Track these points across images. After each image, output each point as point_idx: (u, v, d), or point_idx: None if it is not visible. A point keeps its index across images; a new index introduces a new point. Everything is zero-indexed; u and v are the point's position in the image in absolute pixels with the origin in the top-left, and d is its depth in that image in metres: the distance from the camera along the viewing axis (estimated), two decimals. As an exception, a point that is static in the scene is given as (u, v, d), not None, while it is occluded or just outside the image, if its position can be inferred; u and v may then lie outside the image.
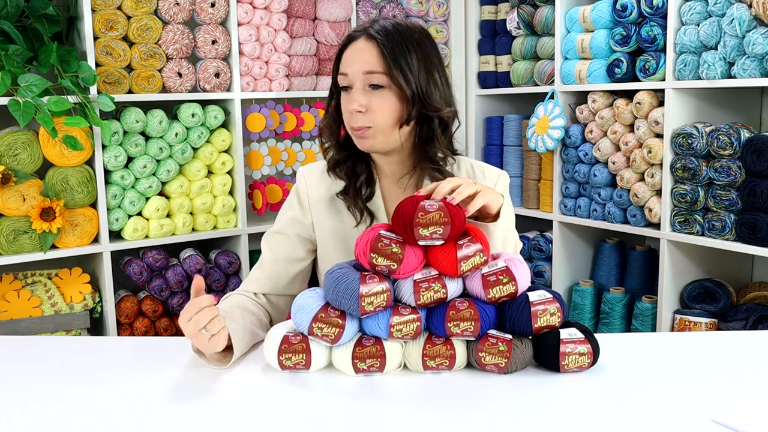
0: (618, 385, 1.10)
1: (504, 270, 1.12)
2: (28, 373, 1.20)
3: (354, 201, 1.42)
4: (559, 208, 2.77)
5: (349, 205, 1.42)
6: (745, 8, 2.06)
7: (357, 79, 1.34)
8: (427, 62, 1.36)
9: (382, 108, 1.34)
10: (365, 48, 1.34)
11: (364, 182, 1.43)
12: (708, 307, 2.36)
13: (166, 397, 1.09)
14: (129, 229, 2.39)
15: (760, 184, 2.06)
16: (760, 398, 1.04)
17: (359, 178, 1.43)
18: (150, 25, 2.34)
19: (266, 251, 1.49)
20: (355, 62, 1.34)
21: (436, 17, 3.04)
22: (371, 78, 1.33)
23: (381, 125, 1.35)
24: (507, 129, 3.01)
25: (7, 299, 2.22)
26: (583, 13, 2.57)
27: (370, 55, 1.33)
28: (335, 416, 1.01)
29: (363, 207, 1.42)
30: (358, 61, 1.34)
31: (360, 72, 1.33)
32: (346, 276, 1.10)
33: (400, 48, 1.34)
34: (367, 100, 1.33)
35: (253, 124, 2.59)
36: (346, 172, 1.44)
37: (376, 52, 1.33)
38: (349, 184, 1.44)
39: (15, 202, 2.17)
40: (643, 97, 2.37)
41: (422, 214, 1.09)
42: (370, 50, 1.34)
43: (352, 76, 1.34)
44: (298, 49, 2.66)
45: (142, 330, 2.46)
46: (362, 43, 1.35)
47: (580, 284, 2.76)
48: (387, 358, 1.12)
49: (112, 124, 2.28)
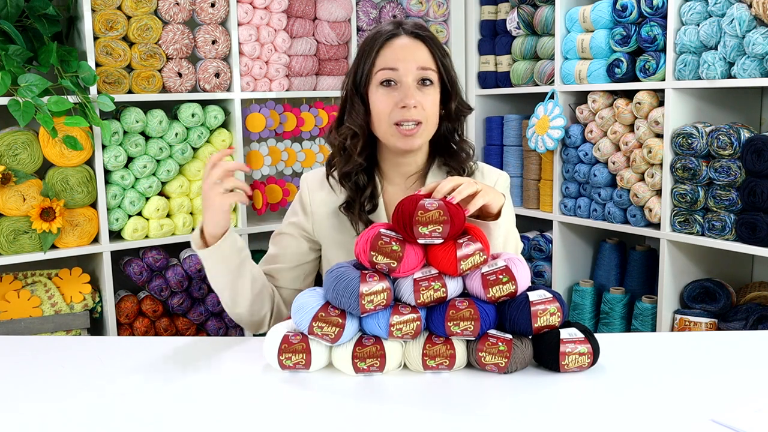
0: (618, 385, 1.10)
1: (504, 269, 1.12)
2: (28, 373, 1.20)
3: (358, 216, 1.41)
4: (559, 208, 2.77)
5: (353, 221, 1.42)
6: (745, 8, 2.06)
7: (409, 74, 1.34)
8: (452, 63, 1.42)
9: (431, 104, 1.36)
10: (414, 44, 1.36)
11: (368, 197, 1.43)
12: (708, 307, 2.36)
13: (165, 397, 1.09)
14: (129, 229, 2.39)
15: (760, 184, 2.06)
16: (760, 398, 1.04)
17: (364, 192, 1.43)
18: (150, 25, 2.34)
19: (272, 248, 1.51)
20: (406, 58, 1.34)
21: (436, 17, 3.04)
22: (424, 74, 1.35)
23: (429, 122, 1.37)
24: (507, 129, 3.01)
25: (7, 299, 2.22)
26: (583, 13, 2.57)
27: (421, 51, 1.36)
28: (335, 416, 1.01)
29: (366, 221, 1.42)
30: (410, 56, 1.34)
31: (413, 67, 1.34)
32: (346, 275, 1.11)
33: (441, 47, 1.39)
34: (419, 96, 1.35)
35: (253, 124, 2.60)
36: (356, 183, 1.43)
37: (426, 49, 1.36)
38: (354, 198, 1.42)
39: (15, 202, 2.17)
40: (643, 97, 2.38)
41: (422, 212, 1.09)
42: (419, 46, 1.36)
43: (403, 71, 1.34)
44: (298, 49, 2.66)
45: (142, 330, 2.46)
46: (408, 40, 1.36)
47: (580, 284, 2.76)
48: (387, 357, 1.12)
49: (112, 124, 2.28)
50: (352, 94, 1.40)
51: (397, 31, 1.37)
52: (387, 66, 1.35)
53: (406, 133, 1.34)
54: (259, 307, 1.42)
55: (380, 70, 1.35)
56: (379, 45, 1.36)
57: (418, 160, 1.45)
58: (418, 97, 1.34)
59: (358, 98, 1.39)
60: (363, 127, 1.39)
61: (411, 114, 1.33)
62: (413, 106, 1.33)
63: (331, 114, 2.77)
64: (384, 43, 1.36)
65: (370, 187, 1.43)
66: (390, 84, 1.35)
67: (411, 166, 1.45)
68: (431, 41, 1.38)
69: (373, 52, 1.36)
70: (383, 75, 1.35)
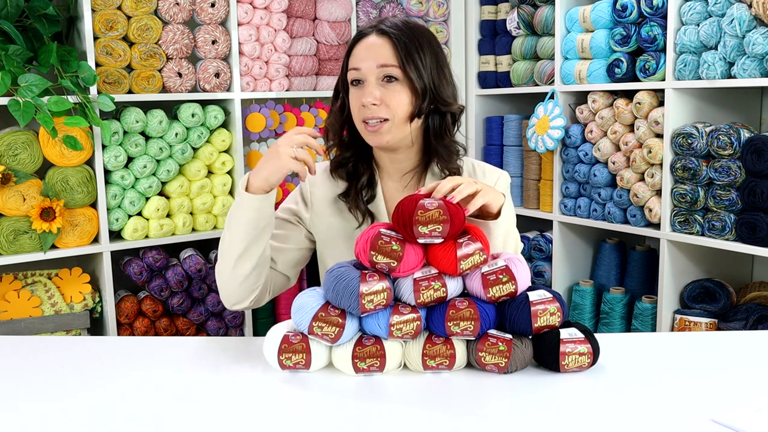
0: (618, 385, 1.10)
1: (504, 269, 1.12)
2: (28, 373, 1.20)
3: (355, 203, 1.43)
4: (559, 208, 2.77)
5: (351, 207, 1.43)
6: (745, 8, 2.06)
7: (370, 73, 1.36)
8: (437, 58, 1.39)
9: (396, 100, 1.36)
10: (378, 42, 1.36)
11: (365, 184, 1.44)
12: (708, 307, 2.36)
13: (165, 397, 1.09)
14: (129, 229, 2.39)
15: (760, 184, 2.06)
16: (760, 398, 1.04)
17: (360, 179, 1.44)
18: (150, 25, 2.34)
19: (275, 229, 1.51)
20: (368, 56, 1.36)
21: (436, 17, 3.04)
22: (385, 71, 1.35)
23: (397, 118, 1.36)
24: (507, 129, 3.01)
25: (7, 299, 2.22)
26: (583, 13, 2.57)
27: (383, 48, 1.36)
28: (335, 416, 1.01)
29: (365, 209, 1.43)
30: (371, 54, 1.36)
31: (374, 65, 1.35)
32: (346, 274, 1.11)
33: (412, 43, 1.37)
34: (381, 93, 1.35)
35: (253, 124, 2.60)
36: (348, 173, 1.46)
37: (389, 46, 1.36)
38: (350, 186, 1.45)
39: (15, 202, 2.17)
40: (643, 97, 2.37)
41: (422, 211, 1.09)
42: (383, 44, 1.36)
43: (365, 70, 1.36)
44: (298, 49, 2.66)
45: (142, 330, 2.46)
46: (374, 38, 1.37)
47: (580, 284, 2.76)
48: (387, 357, 1.12)
49: (112, 124, 2.28)
50: (336, 93, 1.46)
51: (368, 30, 1.39)
52: (353, 66, 1.38)
53: (371, 129, 1.37)
54: (255, 279, 1.38)
55: (349, 70, 1.39)
56: (350, 45, 1.40)
57: (410, 156, 1.45)
58: (378, 94, 1.35)
59: (339, 97, 1.44)
60: (334, 125, 1.44)
61: (372, 112, 1.35)
62: (372, 104, 1.34)
63: (331, 114, 2.77)
64: (354, 43, 1.40)
65: (367, 175, 1.45)
66: (358, 83, 1.38)
67: (404, 163, 1.45)
68: (397, 38, 1.35)
69: (347, 52, 1.41)
70: (351, 75, 1.39)
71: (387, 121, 1.36)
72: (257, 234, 1.34)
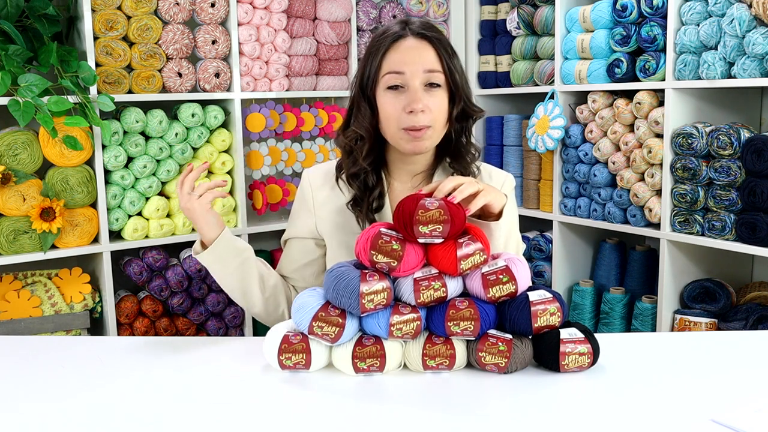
0: (618, 385, 1.10)
1: (504, 269, 1.12)
2: (28, 373, 1.20)
3: (365, 214, 1.40)
4: (559, 208, 2.77)
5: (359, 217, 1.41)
6: (745, 8, 2.06)
7: (415, 78, 1.31)
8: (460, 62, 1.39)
9: (439, 107, 1.33)
10: (420, 46, 1.32)
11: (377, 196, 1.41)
12: (708, 307, 2.36)
13: (165, 397, 1.09)
14: (129, 229, 2.39)
15: (760, 184, 2.06)
16: (760, 398, 1.04)
17: (373, 192, 1.40)
18: (150, 25, 2.34)
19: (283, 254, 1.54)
20: (412, 60, 1.31)
21: (436, 17, 3.04)
22: (431, 77, 1.31)
23: (438, 124, 1.34)
24: (507, 129, 3.01)
25: (7, 299, 2.22)
26: (583, 13, 2.57)
27: (427, 52, 1.32)
28: (335, 416, 1.01)
29: (372, 218, 1.41)
30: (415, 59, 1.31)
31: (420, 70, 1.31)
32: (346, 274, 1.11)
33: (448, 48, 1.35)
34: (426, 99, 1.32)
35: (253, 124, 2.59)
36: (363, 184, 1.41)
37: (432, 51, 1.32)
38: (362, 197, 1.40)
39: (15, 202, 2.17)
40: (643, 97, 2.38)
41: (422, 211, 1.09)
42: (425, 48, 1.32)
43: (410, 75, 1.31)
44: (298, 49, 2.66)
45: (142, 330, 2.46)
46: (414, 41, 1.33)
47: (580, 284, 2.76)
48: (387, 357, 1.12)
49: (112, 124, 2.28)
50: (359, 97, 1.37)
51: (403, 32, 1.33)
52: (393, 69, 1.32)
53: (415, 136, 1.32)
54: (274, 307, 1.45)
55: (387, 73, 1.32)
56: (385, 47, 1.33)
57: (426, 158, 1.43)
58: (425, 101, 1.30)
59: (365, 101, 1.37)
60: (369, 130, 1.37)
61: (418, 119, 1.30)
62: (421, 111, 1.30)
63: (331, 114, 2.77)
64: (390, 45, 1.33)
65: (379, 187, 1.41)
66: (397, 88, 1.32)
67: (418, 165, 1.43)
68: (438, 42, 1.33)
69: (380, 54, 1.33)
70: (390, 79, 1.32)
71: (429, 128, 1.32)
72: (240, 275, 1.41)
